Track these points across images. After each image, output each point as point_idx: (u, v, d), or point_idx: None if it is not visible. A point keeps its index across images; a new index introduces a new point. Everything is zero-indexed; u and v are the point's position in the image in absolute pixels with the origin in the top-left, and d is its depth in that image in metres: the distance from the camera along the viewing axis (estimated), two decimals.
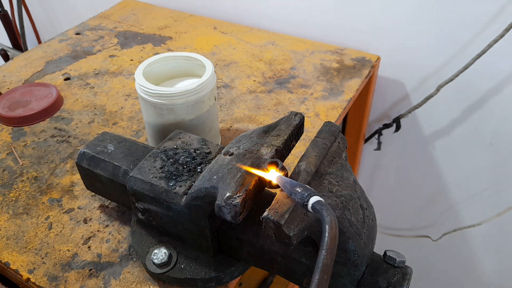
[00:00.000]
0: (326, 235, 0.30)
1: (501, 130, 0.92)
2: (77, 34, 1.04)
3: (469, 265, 1.21)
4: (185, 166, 0.48)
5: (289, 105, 0.79)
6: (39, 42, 1.51)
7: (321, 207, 0.33)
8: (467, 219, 1.11)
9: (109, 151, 0.54)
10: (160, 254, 0.49)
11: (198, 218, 0.45)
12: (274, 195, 0.47)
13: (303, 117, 0.50)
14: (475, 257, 1.18)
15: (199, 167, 0.48)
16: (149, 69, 0.63)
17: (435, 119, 0.99)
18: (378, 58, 0.92)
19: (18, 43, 1.35)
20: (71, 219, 0.59)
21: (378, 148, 1.11)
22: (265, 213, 0.37)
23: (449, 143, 1.01)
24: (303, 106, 0.79)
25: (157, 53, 0.94)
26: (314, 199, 0.34)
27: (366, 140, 1.11)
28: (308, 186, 0.36)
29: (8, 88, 0.85)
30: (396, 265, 0.42)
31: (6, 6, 1.34)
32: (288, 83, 0.85)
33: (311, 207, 0.34)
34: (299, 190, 0.35)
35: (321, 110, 0.78)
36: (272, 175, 0.41)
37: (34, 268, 0.53)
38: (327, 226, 0.31)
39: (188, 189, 0.45)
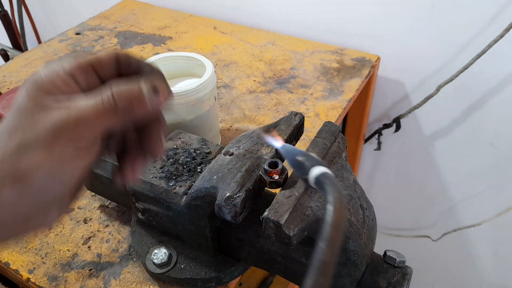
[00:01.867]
0: (329, 219, 0.20)
1: (501, 130, 0.92)
2: (77, 34, 1.04)
3: (469, 265, 1.21)
4: (185, 166, 0.48)
5: (289, 105, 0.79)
6: (39, 42, 1.51)
7: (326, 180, 0.24)
8: (467, 219, 1.11)
9: None
10: (160, 254, 0.49)
11: (198, 218, 0.45)
12: (274, 195, 0.47)
13: (303, 117, 0.50)
14: (475, 257, 1.18)
15: (199, 167, 0.48)
16: None
17: (435, 119, 0.99)
18: (378, 58, 0.92)
19: (18, 43, 1.35)
20: (71, 219, 0.59)
21: (378, 148, 1.11)
22: (265, 213, 0.37)
23: (449, 143, 1.01)
24: (303, 106, 0.79)
25: (157, 53, 0.94)
26: (318, 170, 0.25)
27: (366, 140, 1.11)
28: (315, 155, 0.28)
29: (8, 88, 0.85)
30: (396, 265, 0.42)
31: (6, 6, 1.34)
32: (288, 83, 0.85)
33: (314, 181, 0.25)
34: (301, 159, 0.27)
35: (321, 110, 0.77)
36: (276, 142, 0.37)
37: (34, 268, 0.53)
38: (331, 207, 0.21)
39: (188, 189, 0.45)
